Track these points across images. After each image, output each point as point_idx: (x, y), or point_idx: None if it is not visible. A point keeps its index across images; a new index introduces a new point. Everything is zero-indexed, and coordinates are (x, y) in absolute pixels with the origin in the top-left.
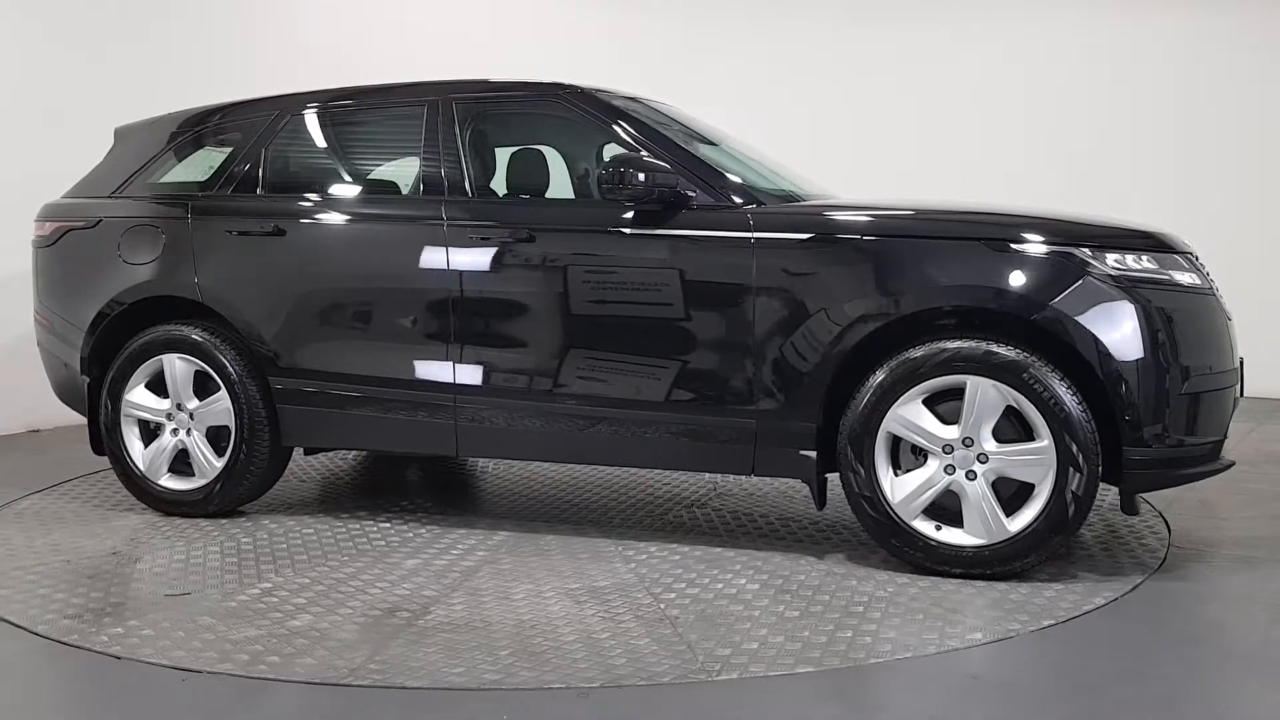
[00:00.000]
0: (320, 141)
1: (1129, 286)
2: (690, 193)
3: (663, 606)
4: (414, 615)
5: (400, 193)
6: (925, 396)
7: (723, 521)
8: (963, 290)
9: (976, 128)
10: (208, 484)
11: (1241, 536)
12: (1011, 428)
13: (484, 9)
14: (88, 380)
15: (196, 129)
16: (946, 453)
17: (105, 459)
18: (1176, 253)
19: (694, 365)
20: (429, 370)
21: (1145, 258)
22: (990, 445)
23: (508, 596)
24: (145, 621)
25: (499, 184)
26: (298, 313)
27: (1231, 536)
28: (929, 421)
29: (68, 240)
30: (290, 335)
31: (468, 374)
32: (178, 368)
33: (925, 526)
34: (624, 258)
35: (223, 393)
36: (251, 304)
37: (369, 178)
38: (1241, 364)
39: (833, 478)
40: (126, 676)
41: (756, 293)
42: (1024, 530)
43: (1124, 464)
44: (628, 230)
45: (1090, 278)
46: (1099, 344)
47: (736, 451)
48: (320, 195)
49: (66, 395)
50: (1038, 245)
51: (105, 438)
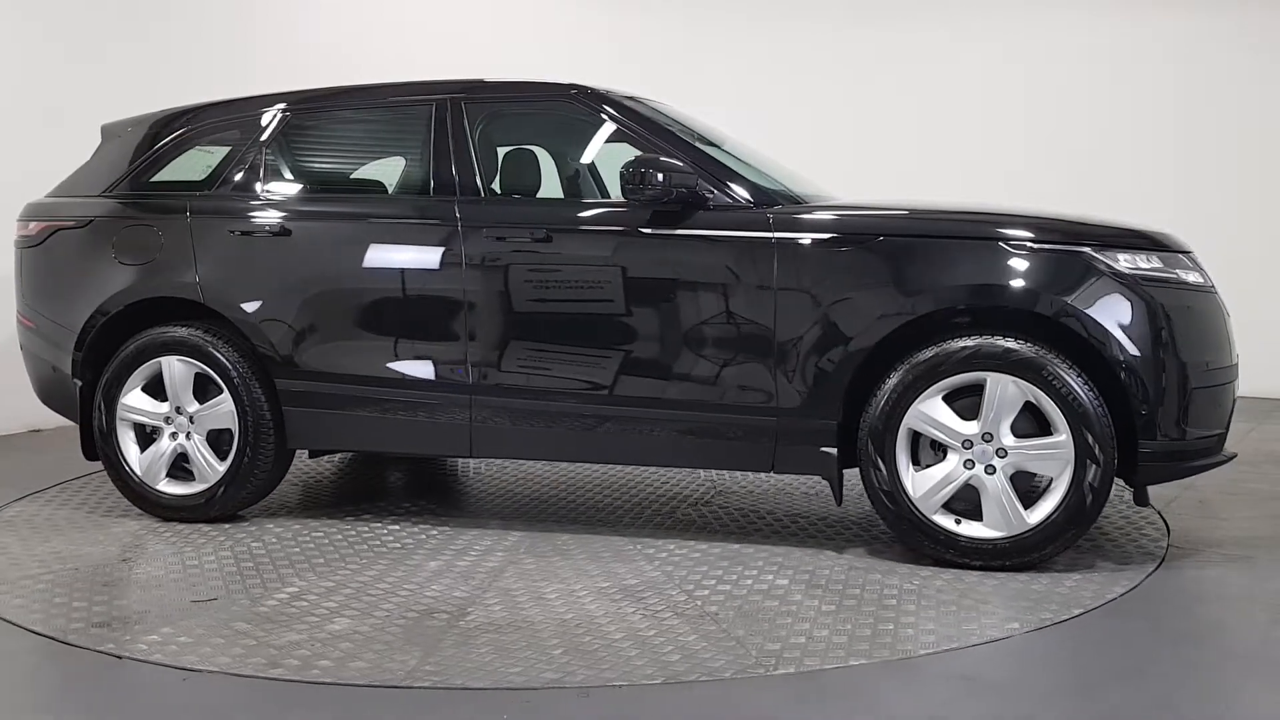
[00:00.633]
0: (325, 140)
1: (1141, 285)
2: (708, 193)
3: (699, 603)
4: (452, 617)
5: (410, 192)
6: (945, 393)
7: (731, 519)
8: (984, 289)
9: (976, 128)
10: (209, 488)
11: (1241, 536)
12: (1027, 422)
13: (483, 9)
14: (80, 384)
15: (192, 127)
16: (966, 448)
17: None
18: (1181, 252)
19: (714, 364)
20: (444, 371)
21: (1153, 257)
22: (1009, 440)
23: (541, 596)
24: (179, 629)
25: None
26: (306, 313)
27: (1231, 536)
28: (949, 417)
29: (56, 240)
30: (298, 336)
31: (483, 374)
32: (177, 370)
33: (945, 520)
34: (643, 258)
35: (225, 395)
36: (257, 305)
37: (376, 177)
38: (1237, 360)
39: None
40: (145, 679)
41: (778, 293)
42: (1043, 522)
43: (1139, 457)
44: (647, 230)
45: (1105, 277)
46: (1116, 341)
47: (756, 449)
48: (327, 195)
49: (53, 399)
50: (1054, 245)
51: (100, 443)
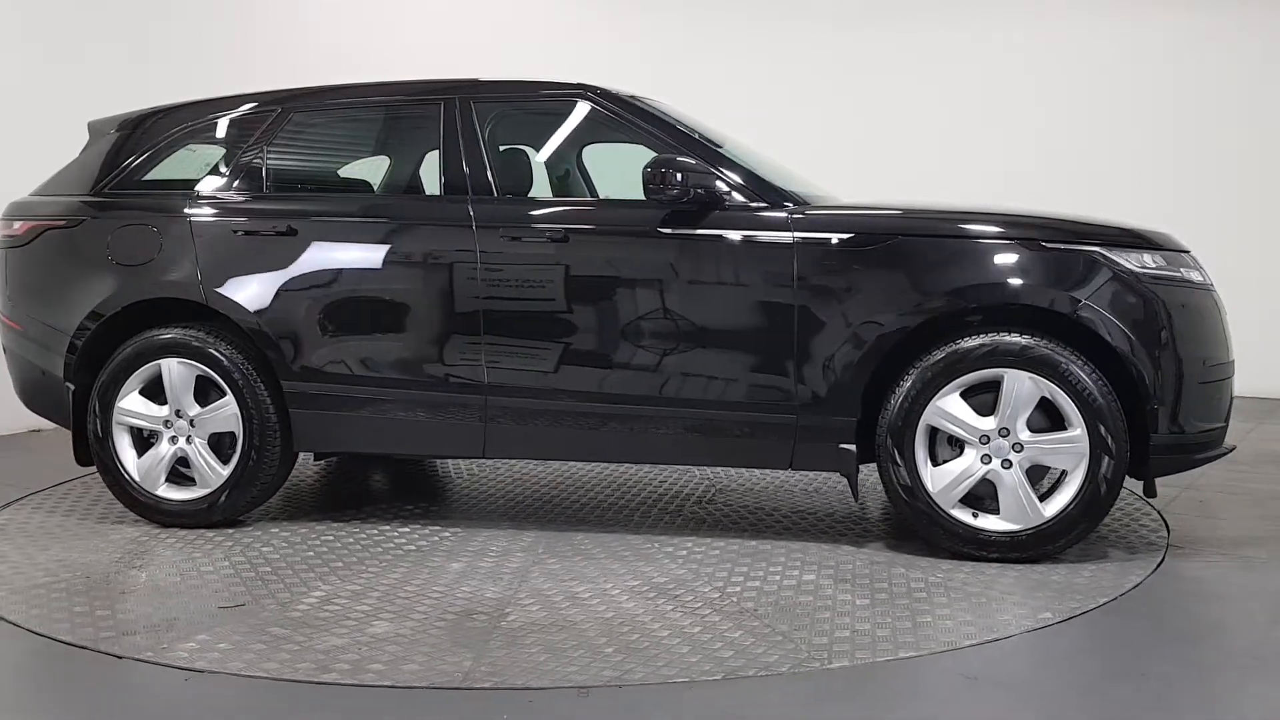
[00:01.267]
0: (330, 139)
1: (1149, 283)
2: (725, 194)
3: (734, 600)
4: (491, 618)
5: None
6: (962, 390)
7: (740, 516)
8: (1002, 288)
9: (976, 127)
10: (212, 493)
11: (1241, 536)
12: (1038, 417)
13: (483, 9)
14: (72, 388)
15: (187, 124)
16: (983, 443)
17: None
18: (1182, 251)
19: (734, 363)
20: (457, 371)
21: (1158, 256)
22: (1025, 435)
23: (576, 596)
24: (214, 635)
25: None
26: (315, 314)
27: (1231, 536)
28: (967, 413)
29: (45, 240)
30: (306, 338)
31: (498, 374)
32: (177, 372)
33: (963, 515)
34: (661, 258)
35: (228, 397)
36: (263, 306)
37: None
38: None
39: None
40: (145, 679)
41: (798, 292)
42: (1058, 515)
43: (1150, 450)
44: (665, 230)
45: (1117, 275)
46: (1129, 337)
47: (776, 446)
48: (334, 194)
49: (41, 404)
50: (1068, 245)
51: (95, 448)
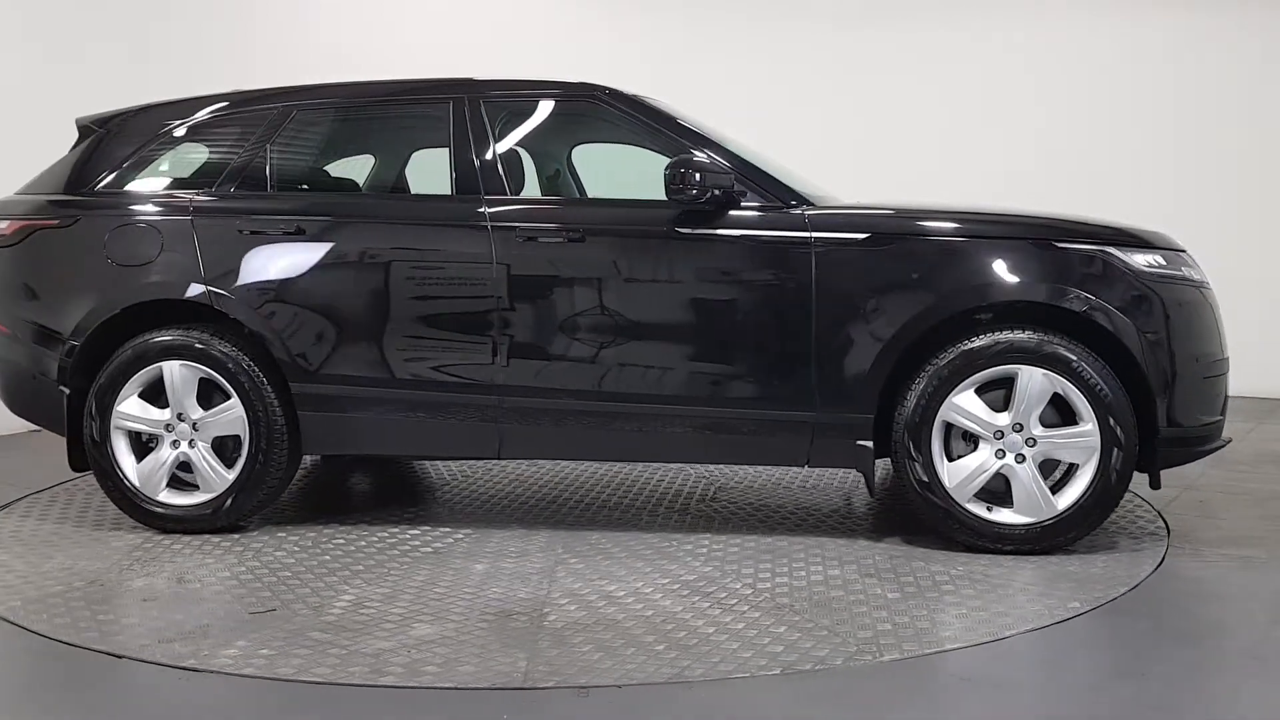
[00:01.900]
0: (336, 137)
1: (1155, 282)
2: (742, 194)
3: (768, 596)
4: (532, 619)
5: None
6: (976, 386)
7: (747, 513)
8: (1018, 286)
9: (975, 127)
10: (216, 498)
11: (1241, 536)
12: (1049, 412)
13: (483, 9)
14: (67, 392)
15: (186, 121)
16: (997, 438)
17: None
18: (1180, 251)
19: (753, 362)
20: (473, 372)
21: (1159, 255)
22: (1038, 430)
23: (610, 595)
24: (253, 641)
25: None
26: (326, 315)
27: (1231, 536)
28: (983, 409)
29: (36, 240)
30: (317, 339)
31: (514, 375)
32: (179, 375)
33: (978, 509)
34: (678, 258)
35: (234, 400)
36: (271, 307)
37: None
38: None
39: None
40: (146, 679)
41: (816, 291)
42: (1070, 507)
43: (1158, 442)
44: (684, 230)
45: (1126, 275)
46: (1137, 334)
47: (793, 444)
48: (343, 193)
49: (29, 408)
50: (1078, 245)
51: (93, 452)
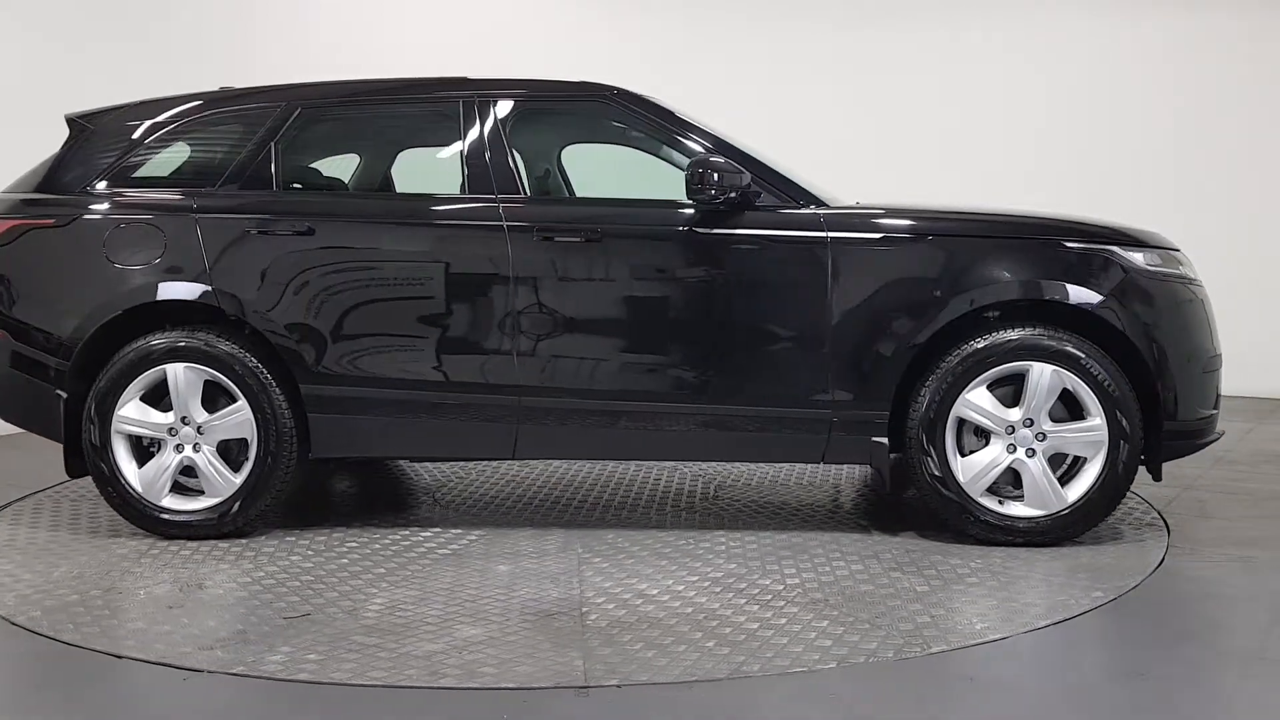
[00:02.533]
0: (347, 136)
1: (1156, 280)
2: (758, 194)
3: (800, 591)
4: (574, 619)
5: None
6: (989, 383)
7: (756, 510)
8: (1029, 285)
9: (976, 127)
10: (223, 503)
11: (1241, 536)
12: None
13: (483, 9)
14: (64, 396)
15: (185, 118)
16: (1009, 433)
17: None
18: (1175, 250)
19: (771, 361)
20: (489, 372)
21: (1157, 254)
22: (1048, 425)
23: (644, 594)
24: (297, 645)
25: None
26: (337, 316)
27: (1231, 536)
28: (995, 405)
29: (29, 240)
30: (328, 340)
31: (531, 374)
32: (183, 378)
33: (990, 503)
34: (696, 257)
35: (241, 403)
36: (281, 309)
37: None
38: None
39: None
40: (146, 679)
41: (833, 290)
42: (1080, 500)
43: (1161, 436)
44: (701, 230)
45: (1130, 273)
46: (1143, 330)
47: (809, 441)
48: (354, 192)
49: (19, 412)
50: (1085, 245)
51: (92, 458)
